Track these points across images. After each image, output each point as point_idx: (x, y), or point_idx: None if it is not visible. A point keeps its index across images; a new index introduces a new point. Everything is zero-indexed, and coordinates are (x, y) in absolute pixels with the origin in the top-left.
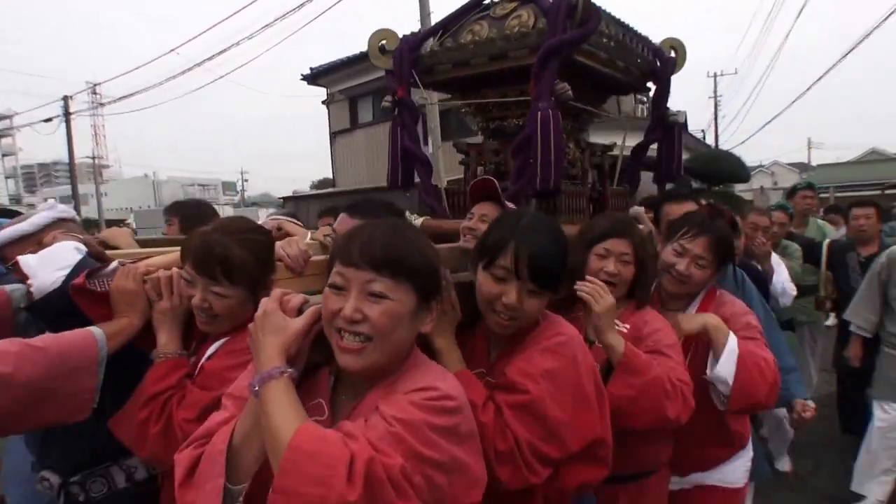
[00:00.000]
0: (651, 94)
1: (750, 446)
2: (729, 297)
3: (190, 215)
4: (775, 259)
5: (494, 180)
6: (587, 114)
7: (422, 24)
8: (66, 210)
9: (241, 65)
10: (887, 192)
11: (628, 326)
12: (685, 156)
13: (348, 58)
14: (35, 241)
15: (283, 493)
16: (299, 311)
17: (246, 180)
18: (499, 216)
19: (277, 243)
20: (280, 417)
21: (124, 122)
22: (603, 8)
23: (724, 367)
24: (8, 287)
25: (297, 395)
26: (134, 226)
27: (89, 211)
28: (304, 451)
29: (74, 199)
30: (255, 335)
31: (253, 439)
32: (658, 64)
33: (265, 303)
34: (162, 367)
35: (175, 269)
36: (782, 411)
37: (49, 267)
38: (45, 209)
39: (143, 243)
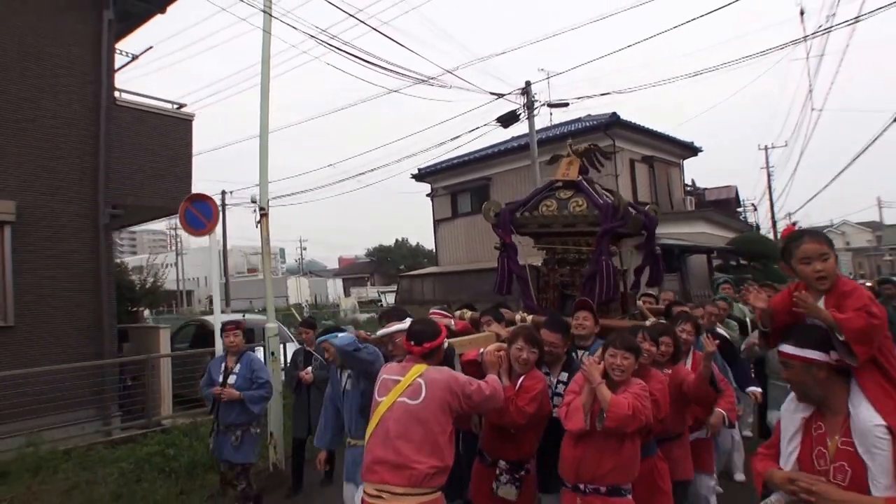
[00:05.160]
0: (645, 234)
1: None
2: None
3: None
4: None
5: (590, 301)
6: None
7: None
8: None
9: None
10: None
11: (670, 371)
12: (729, 236)
13: (450, 161)
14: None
15: (613, 414)
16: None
17: (305, 248)
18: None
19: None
20: (605, 392)
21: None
22: (629, 202)
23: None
24: None
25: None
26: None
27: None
28: (615, 400)
29: (225, 274)
30: (588, 369)
31: (587, 402)
32: (647, 220)
33: (586, 362)
34: (508, 389)
35: (505, 347)
36: (737, 442)
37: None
38: (399, 326)
39: None
